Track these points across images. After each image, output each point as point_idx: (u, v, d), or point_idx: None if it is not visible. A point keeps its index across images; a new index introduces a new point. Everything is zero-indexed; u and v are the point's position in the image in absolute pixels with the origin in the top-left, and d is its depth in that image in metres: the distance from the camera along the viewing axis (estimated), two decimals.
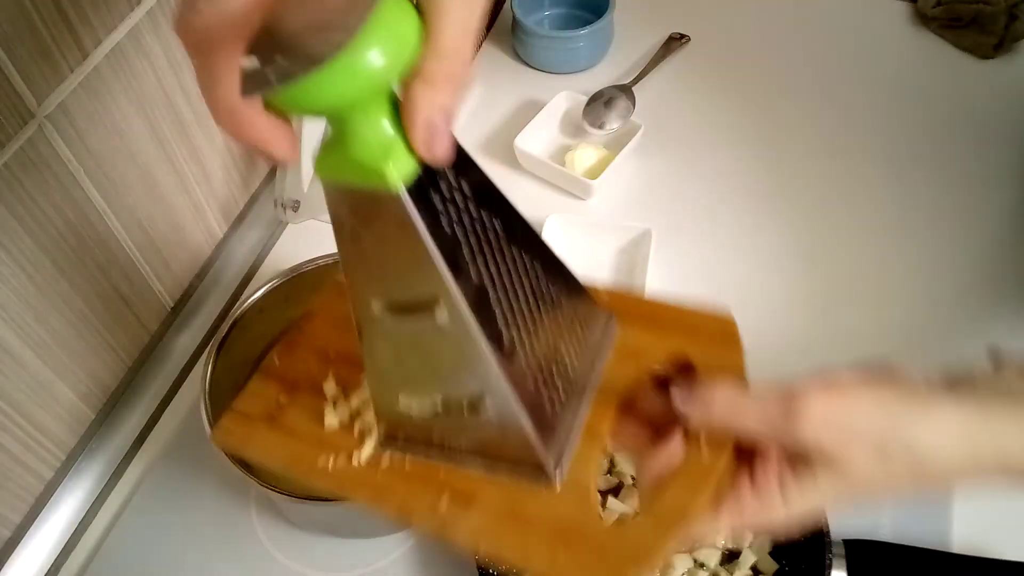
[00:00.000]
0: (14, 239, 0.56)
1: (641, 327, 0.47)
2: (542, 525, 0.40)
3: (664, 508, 0.39)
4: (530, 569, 0.41)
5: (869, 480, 0.39)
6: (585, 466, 0.42)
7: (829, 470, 0.39)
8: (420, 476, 0.44)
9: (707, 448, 0.41)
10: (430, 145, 0.33)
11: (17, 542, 0.63)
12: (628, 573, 0.37)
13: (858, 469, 0.38)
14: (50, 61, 0.55)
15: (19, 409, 0.60)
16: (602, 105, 0.88)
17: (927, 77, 0.92)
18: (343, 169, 0.34)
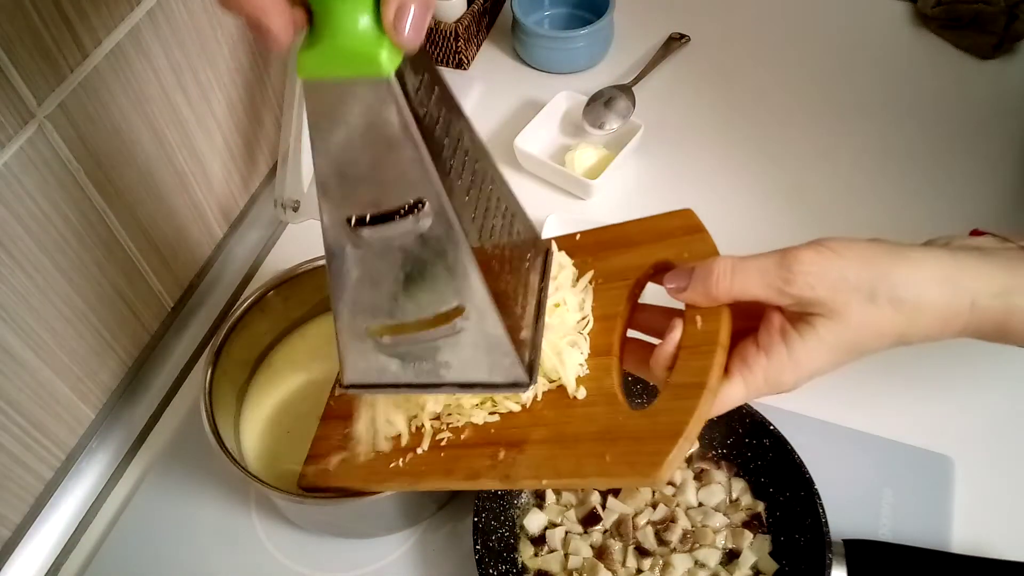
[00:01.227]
0: (14, 239, 0.56)
1: (617, 251, 0.51)
2: (586, 438, 0.44)
3: (680, 381, 0.42)
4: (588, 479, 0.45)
5: (862, 325, 0.42)
6: (607, 375, 0.46)
7: (826, 319, 0.42)
8: (475, 441, 0.48)
9: (704, 322, 0.44)
10: (401, 28, 0.34)
11: (17, 542, 0.63)
12: (668, 450, 0.40)
13: (851, 315, 0.42)
14: (50, 61, 0.55)
15: (19, 409, 0.60)
16: (602, 105, 0.88)
17: (927, 77, 0.92)
18: (330, 63, 0.34)
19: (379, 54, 0.33)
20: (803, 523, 0.58)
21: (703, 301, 0.45)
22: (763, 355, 0.44)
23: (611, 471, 0.42)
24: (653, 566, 0.59)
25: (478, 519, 0.58)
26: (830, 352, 0.43)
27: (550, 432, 0.46)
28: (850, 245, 0.42)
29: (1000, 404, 0.67)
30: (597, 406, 0.45)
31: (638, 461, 0.41)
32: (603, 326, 0.48)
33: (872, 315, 0.42)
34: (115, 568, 0.64)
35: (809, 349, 0.43)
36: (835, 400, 0.66)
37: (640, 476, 0.40)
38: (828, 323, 0.42)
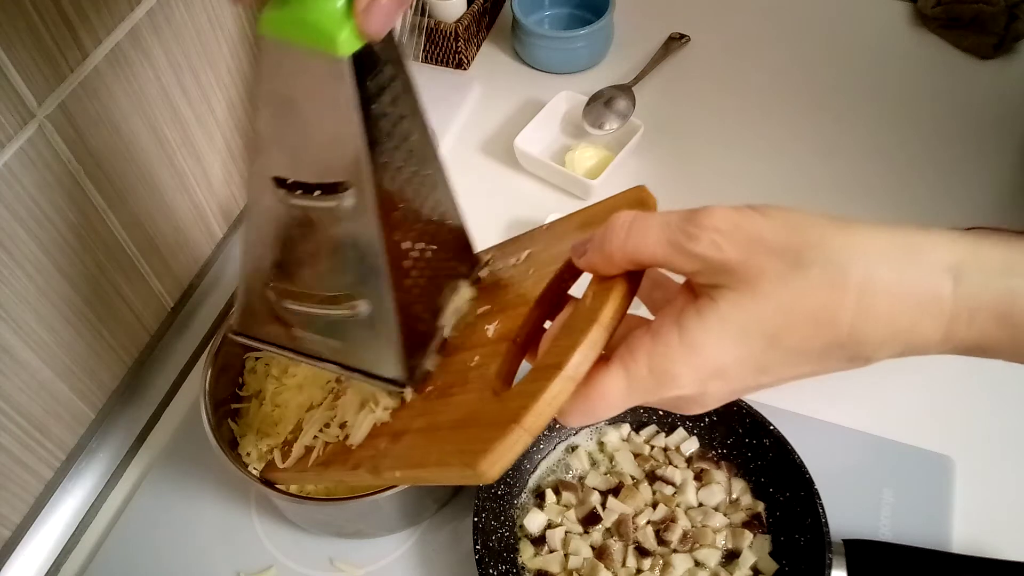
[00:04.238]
0: (14, 239, 0.56)
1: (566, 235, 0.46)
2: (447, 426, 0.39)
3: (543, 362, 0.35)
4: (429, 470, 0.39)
5: (784, 304, 0.31)
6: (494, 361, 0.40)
7: (733, 292, 0.31)
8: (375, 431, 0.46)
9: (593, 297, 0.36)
10: (367, 17, 0.34)
11: (17, 542, 0.63)
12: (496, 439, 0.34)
13: (768, 287, 0.31)
14: (50, 61, 0.55)
15: (19, 409, 0.60)
16: (602, 105, 0.88)
17: (927, 77, 0.92)
18: (292, 28, 0.34)
19: (339, 34, 0.34)
20: (803, 523, 0.58)
21: (601, 265, 0.36)
22: (649, 336, 0.33)
23: (445, 460, 0.37)
24: (653, 566, 0.59)
25: (478, 519, 0.58)
26: (737, 339, 0.32)
27: (426, 421, 0.41)
28: (781, 208, 0.32)
29: (1000, 404, 0.67)
30: (472, 393, 0.40)
31: (468, 450, 0.34)
32: (513, 312, 0.43)
33: (799, 289, 0.30)
34: (115, 568, 0.64)
35: (708, 332, 0.32)
36: (835, 400, 0.67)
37: (463, 466, 0.34)
38: (735, 297, 0.31)
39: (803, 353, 0.32)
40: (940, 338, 0.31)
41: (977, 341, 0.31)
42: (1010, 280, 0.30)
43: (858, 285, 0.30)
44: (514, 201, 0.84)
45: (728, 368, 0.32)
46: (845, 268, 0.30)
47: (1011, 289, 0.30)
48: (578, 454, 0.65)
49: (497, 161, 0.88)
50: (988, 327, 0.31)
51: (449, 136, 0.91)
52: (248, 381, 0.65)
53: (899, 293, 0.31)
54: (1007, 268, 0.31)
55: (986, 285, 0.30)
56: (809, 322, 0.31)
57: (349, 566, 0.63)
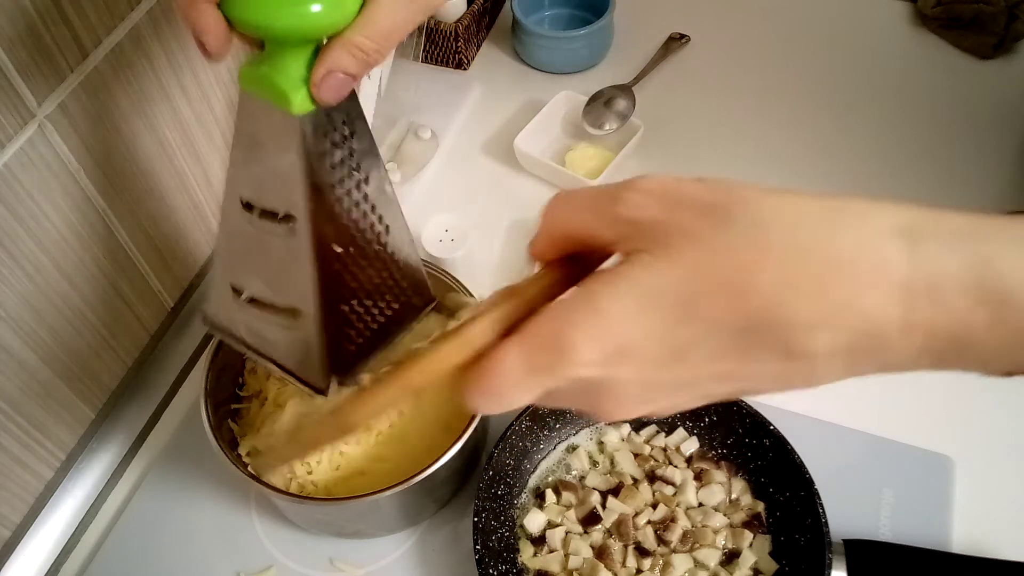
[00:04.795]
0: (14, 239, 0.56)
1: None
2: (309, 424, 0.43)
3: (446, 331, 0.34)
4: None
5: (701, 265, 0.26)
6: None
7: (649, 254, 0.27)
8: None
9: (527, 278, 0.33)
10: (320, 87, 0.39)
11: (17, 542, 0.63)
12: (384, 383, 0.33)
13: (685, 242, 0.27)
14: (50, 61, 0.55)
15: (19, 409, 0.60)
16: (602, 105, 0.88)
17: (927, 77, 0.92)
18: (261, 86, 0.40)
19: (294, 97, 0.39)
20: (803, 523, 0.58)
21: (543, 245, 0.33)
22: (554, 306, 0.29)
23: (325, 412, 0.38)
24: (653, 566, 0.58)
25: (478, 519, 0.58)
26: (646, 306, 0.27)
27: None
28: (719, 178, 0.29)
29: (1000, 404, 0.67)
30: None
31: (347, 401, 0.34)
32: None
33: (716, 249, 0.26)
34: (115, 568, 0.64)
35: (614, 296, 0.27)
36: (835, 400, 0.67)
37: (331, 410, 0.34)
38: (650, 260, 0.27)
39: (723, 332, 0.27)
40: (899, 319, 0.25)
41: (950, 325, 0.25)
42: (979, 244, 0.25)
43: (782, 246, 0.25)
44: (514, 201, 0.84)
45: (636, 345, 0.27)
46: (769, 228, 0.26)
47: (982, 255, 0.25)
48: (578, 454, 0.65)
49: (497, 161, 0.88)
50: (960, 304, 0.25)
51: (449, 136, 0.91)
52: (248, 381, 0.65)
53: (832, 256, 0.25)
54: (973, 231, 0.26)
55: (949, 249, 0.25)
56: (725, 288, 0.26)
57: (349, 566, 0.63)
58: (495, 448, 0.61)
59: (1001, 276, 0.25)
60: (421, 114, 0.91)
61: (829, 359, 0.26)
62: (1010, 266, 0.25)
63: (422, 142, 0.88)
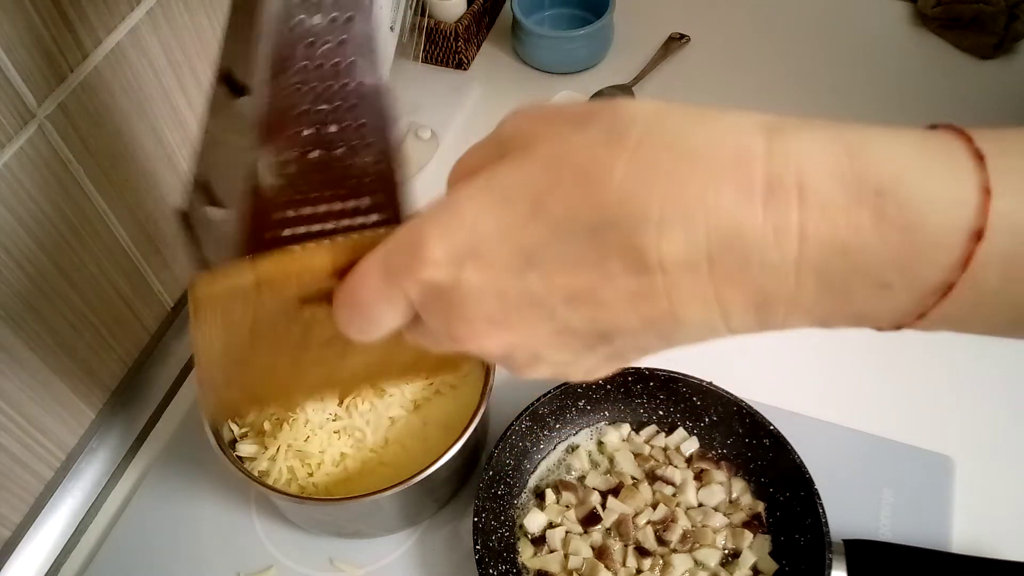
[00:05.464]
0: (14, 239, 0.56)
1: None
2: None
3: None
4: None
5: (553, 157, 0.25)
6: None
7: (511, 156, 0.26)
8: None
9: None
10: None
11: (17, 542, 0.63)
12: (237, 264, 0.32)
13: (546, 141, 0.26)
14: (50, 61, 0.55)
15: (19, 409, 0.60)
16: None
17: (927, 77, 0.92)
18: None
19: None
20: (803, 523, 0.58)
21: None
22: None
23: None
24: (653, 566, 0.59)
25: (478, 519, 0.58)
26: (498, 200, 0.26)
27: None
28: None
29: (1000, 404, 0.67)
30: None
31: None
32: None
33: (572, 144, 0.25)
34: (115, 568, 0.64)
35: (468, 194, 0.26)
36: (835, 400, 0.67)
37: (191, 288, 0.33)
38: (510, 160, 0.26)
39: (572, 232, 0.24)
40: (763, 221, 0.23)
41: (828, 228, 0.22)
42: (849, 133, 0.24)
43: (636, 141, 0.24)
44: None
45: (485, 242, 0.26)
46: (627, 125, 0.24)
47: (851, 141, 0.23)
48: (578, 454, 0.65)
49: None
50: (836, 200, 0.22)
51: (449, 136, 0.91)
52: None
53: (683, 150, 0.23)
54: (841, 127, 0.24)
55: (815, 140, 0.23)
56: (575, 179, 0.24)
57: (349, 566, 0.63)
58: (495, 448, 0.61)
59: (876, 163, 0.23)
60: (421, 114, 0.91)
61: (687, 272, 0.24)
62: (885, 154, 0.23)
63: (422, 142, 0.88)
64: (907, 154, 0.24)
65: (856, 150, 0.23)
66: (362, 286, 0.28)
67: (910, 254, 0.22)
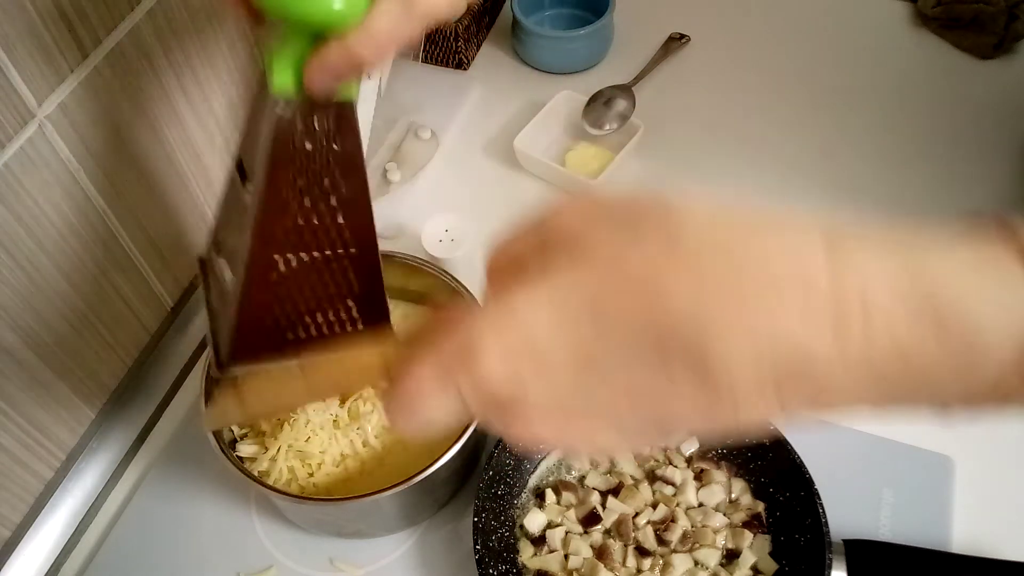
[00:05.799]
0: (14, 239, 0.56)
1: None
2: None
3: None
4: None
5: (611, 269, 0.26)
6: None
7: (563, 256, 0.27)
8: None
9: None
10: (311, 76, 0.40)
11: (17, 542, 0.63)
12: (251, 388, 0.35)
13: (602, 248, 0.26)
14: (50, 61, 0.55)
15: (19, 409, 0.60)
16: (602, 105, 0.88)
17: (927, 77, 0.92)
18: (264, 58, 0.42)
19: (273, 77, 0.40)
20: (803, 523, 0.58)
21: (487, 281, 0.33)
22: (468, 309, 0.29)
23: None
24: (653, 566, 0.59)
25: (478, 519, 0.58)
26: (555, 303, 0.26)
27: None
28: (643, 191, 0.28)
29: None
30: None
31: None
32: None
33: (629, 252, 0.25)
34: (115, 568, 0.64)
35: (525, 296, 0.26)
36: None
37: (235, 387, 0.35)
38: (568, 263, 0.27)
39: (635, 340, 0.25)
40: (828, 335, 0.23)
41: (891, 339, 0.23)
42: (910, 249, 0.24)
43: (696, 252, 0.24)
44: (514, 201, 0.84)
45: (544, 345, 0.26)
46: (685, 232, 0.25)
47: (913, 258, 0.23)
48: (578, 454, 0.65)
49: (497, 161, 0.88)
50: (899, 315, 0.23)
51: (449, 136, 0.91)
52: None
53: (745, 263, 0.24)
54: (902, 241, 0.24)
55: (878, 257, 0.23)
56: (636, 289, 0.25)
57: (349, 566, 0.63)
58: (495, 448, 0.61)
59: (938, 281, 0.23)
60: (421, 114, 0.91)
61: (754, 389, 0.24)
62: (946, 271, 0.24)
63: (422, 142, 0.88)
64: (962, 269, 0.24)
65: (915, 267, 0.24)
66: (415, 386, 0.28)
67: (969, 365, 0.23)
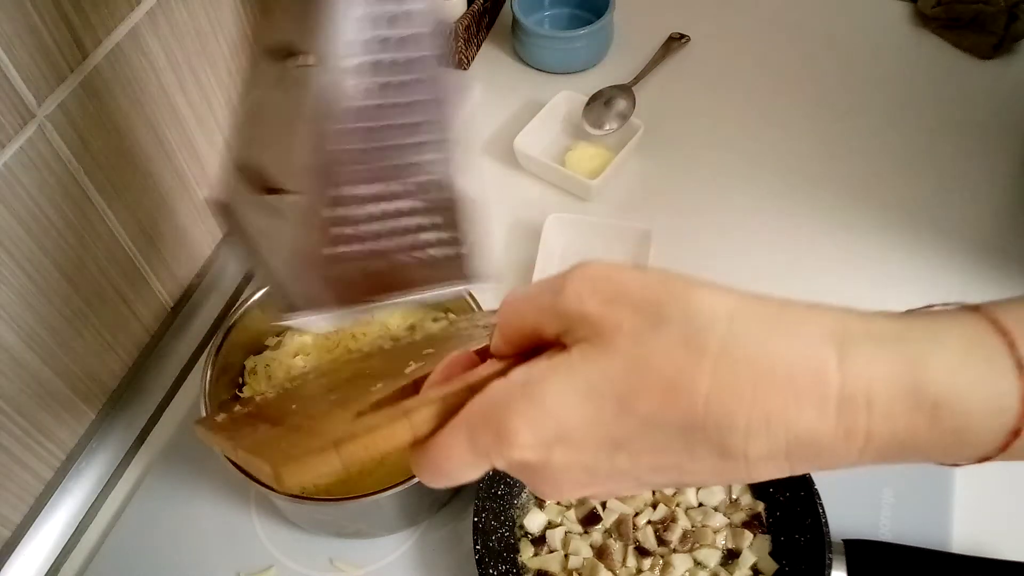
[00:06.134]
0: (14, 239, 0.56)
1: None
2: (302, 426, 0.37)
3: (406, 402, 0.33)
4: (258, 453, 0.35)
5: (636, 362, 0.27)
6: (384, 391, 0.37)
7: (587, 344, 0.28)
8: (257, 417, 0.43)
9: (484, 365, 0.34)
10: None
11: (17, 542, 0.63)
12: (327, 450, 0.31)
13: (622, 341, 0.28)
14: (50, 61, 0.55)
15: (19, 409, 0.60)
16: (602, 105, 0.88)
17: (927, 77, 0.92)
18: None
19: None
20: (803, 523, 0.58)
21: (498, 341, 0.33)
22: (495, 387, 0.30)
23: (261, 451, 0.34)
24: (653, 566, 0.59)
25: (478, 519, 0.58)
26: (585, 395, 0.28)
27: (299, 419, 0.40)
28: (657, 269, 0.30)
29: None
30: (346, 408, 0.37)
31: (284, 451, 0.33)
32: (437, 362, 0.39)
33: (652, 347, 0.27)
34: (115, 568, 0.64)
35: (553, 383, 0.28)
36: None
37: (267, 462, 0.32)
38: (588, 349, 0.28)
39: (660, 428, 0.27)
40: (836, 429, 0.26)
41: (889, 431, 0.26)
42: (909, 347, 0.26)
43: (717, 350, 0.26)
44: (514, 201, 0.84)
45: (574, 432, 0.28)
46: (704, 329, 0.27)
47: (913, 358, 0.26)
48: None
49: (497, 161, 0.88)
50: (896, 410, 0.26)
51: None
52: (248, 381, 0.65)
53: (764, 364, 0.26)
54: (902, 334, 0.27)
55: (881, 355, 0.26)
56: (661, 386, 0.27)
57: (349, 566, 0.63)
58: None
59: (933, 379, 0.26)
60: None
61: (767, 461, 0.27)
62: (941, 368, 0.26)
63: None
64: (953, 362, 0.26)
65: (917, 366, 0.26)
66: (447, 460, 0.30)
67: (957, 445, 0.27)
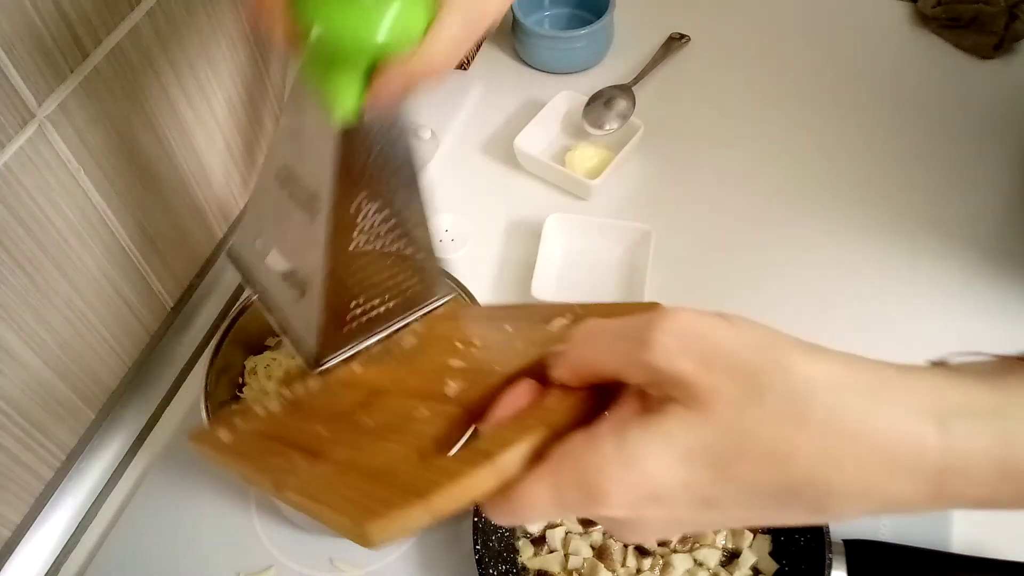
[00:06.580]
0: (14, 239, 0.56)
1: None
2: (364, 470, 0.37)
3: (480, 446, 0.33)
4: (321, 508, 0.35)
5: (735, 431, 0.28)
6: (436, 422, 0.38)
7: (683, 408, 0.28)
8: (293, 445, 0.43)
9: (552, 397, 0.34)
10: (376, 103, 0.41)
11: (17, 542, 0.63)
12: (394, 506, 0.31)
13: (721, 408, 0.28)
14: (50, 61, 0.55)
15: (19, 409, 0.60)
16: (602, 105, 0.88)
17: (927, 77, 0.92)
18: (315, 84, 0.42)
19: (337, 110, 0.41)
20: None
21: (567, 377, 0.33)
22: (584, 444, 0.30)
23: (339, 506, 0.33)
24: (653, 566, 0.59)
25: (478, 519, 0.58)
26: (681, 462, 0.28)
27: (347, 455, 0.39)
28: (750, 321, 0.30)
29: None
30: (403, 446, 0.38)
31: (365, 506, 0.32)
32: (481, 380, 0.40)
33: (754, 418, 0.27)
34: (115, 568, 0.64)
35: (649, 448, 0.28)
36: None
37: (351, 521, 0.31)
38: (685, 414, 0.28)
39: (757, 493, 0.28)
40: (928, 495, 0.27)
41: (977, 497, 0.27)
42: (1005, 423, 0.27)
43: (821, 424, 0.27)
44: (514, 201, 0.84)
45: (668, 494, 0.28)
46: (807, 402, 0.27)
47: (1009, 434, 0.27)
48: None
49: (497, 161, 0.88)
50: (989, 481, 0.27)
51: (449, 136, 0.91)
52: (248, 382, 0.65)
53: (865, 440, 0.27)
54: (998, 408, 0.27)
55: (978, 431, 0.27)
56: (764, 458, 0.27)
57: (349, 566, 0.63)
58: None
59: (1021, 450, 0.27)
60: (421, 114, 0.91)
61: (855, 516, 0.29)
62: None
63: (422, 142, 0.88)
64: None
65: (1013, 444, 0.27)
66: (531, 509, 0.30)
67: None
